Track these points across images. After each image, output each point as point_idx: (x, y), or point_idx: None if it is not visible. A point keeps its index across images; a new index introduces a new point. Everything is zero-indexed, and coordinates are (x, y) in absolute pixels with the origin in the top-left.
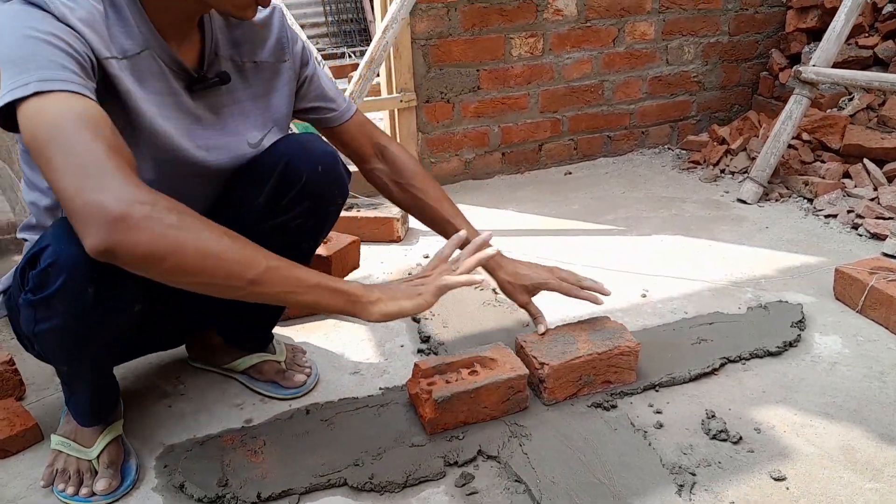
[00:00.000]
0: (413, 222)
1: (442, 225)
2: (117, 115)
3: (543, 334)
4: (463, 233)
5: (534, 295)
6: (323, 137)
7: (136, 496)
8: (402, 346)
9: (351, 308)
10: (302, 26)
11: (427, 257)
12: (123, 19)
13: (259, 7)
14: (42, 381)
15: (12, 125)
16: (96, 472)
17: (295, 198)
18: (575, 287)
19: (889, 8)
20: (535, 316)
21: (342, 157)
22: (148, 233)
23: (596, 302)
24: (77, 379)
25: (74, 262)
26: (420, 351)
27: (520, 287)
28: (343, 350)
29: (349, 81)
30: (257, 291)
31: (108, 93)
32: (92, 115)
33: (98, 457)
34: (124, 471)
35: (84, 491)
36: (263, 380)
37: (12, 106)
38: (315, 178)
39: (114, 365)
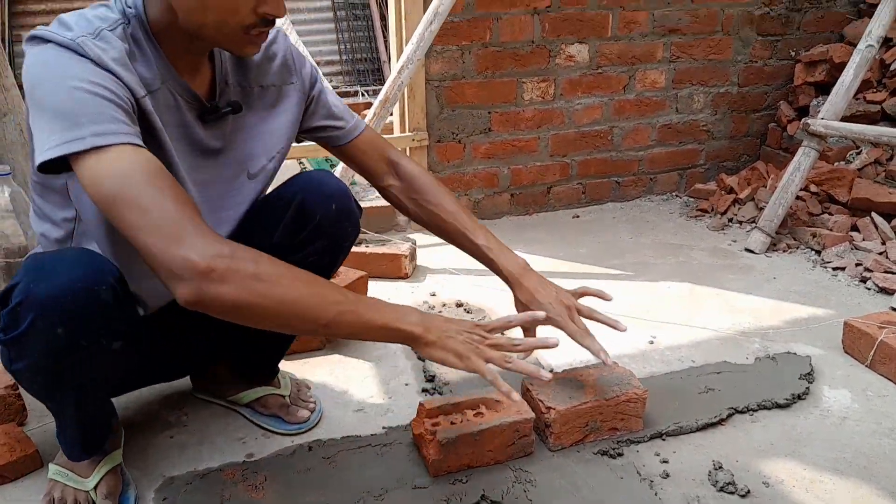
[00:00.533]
0: (421, 259)
1: (459, 238)
2: (155, 153)
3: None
4: (541, 314)
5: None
6: (334, 174)
7: None
8: (406, 384)
9: (406, 343)
10: (317, 63)
11: (434, 295)
12: (143, 54)
13: (257, 44)
14: (44, 408)
15: (56, 169)
16: (94, 503)
17: (309, 236)
18: (581, 333)
19: None
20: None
21: (354, 192)
22: (232, 285)
23: (598, 356)
24: (63, 414)
25: (43, 301)
26: (424, 390)
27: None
28: (347, 386)
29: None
30: (329, 333)
31: (147, 132)
32: (152, 168)
33: (96, 487)
34: (122, 502)
35: None
36: (267, 413)
37: (65, 157)
38: (329, 217)
39: (111, 397)
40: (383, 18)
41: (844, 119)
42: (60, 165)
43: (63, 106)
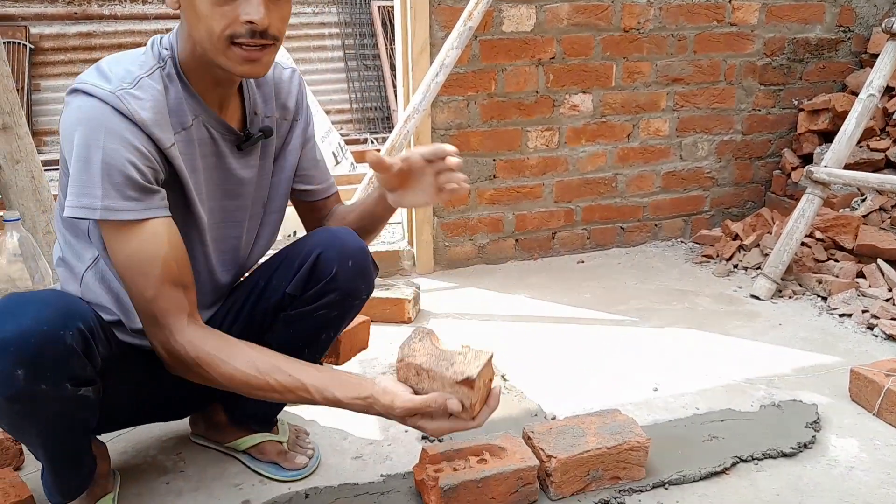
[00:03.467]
0: (425, 304)
1: (366, 207)
2: (176, 198)
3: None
4: (447, 147)
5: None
6: (355, 232)
7: None
8: (406, 430)
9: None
10: (327, 112)
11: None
12: (177, 93)
13: (254, 62)
14: None
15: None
16: None
17: (322, 290)
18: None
19: None
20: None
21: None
22: (199, 370)
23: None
24: (37, 456)
25: (4, 341)
26: (424, 437)
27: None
28: (346, 432)
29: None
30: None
31: (173, 176)
32: (155, 251)
33: None
34: None
35: None
36: (265, 460)
37: None
38: (345, 273)
39: (99, 433)
40: (393, 69)
41: (848, 166)
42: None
43: (89, 167)
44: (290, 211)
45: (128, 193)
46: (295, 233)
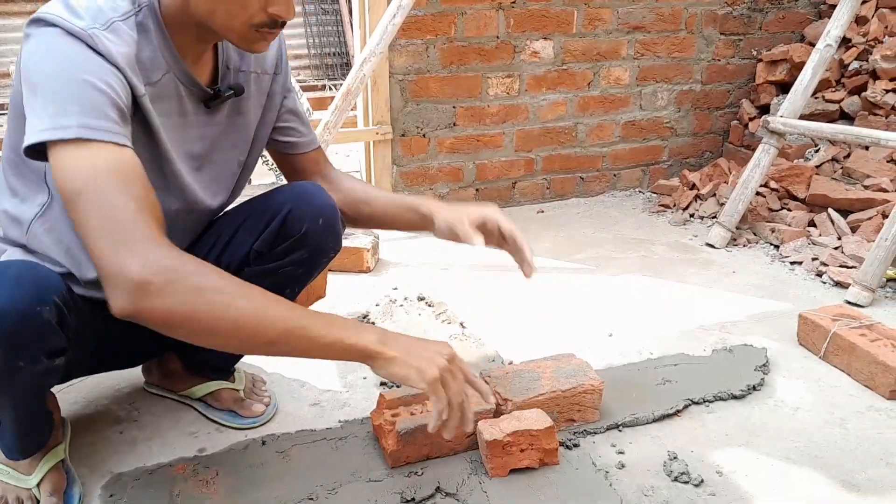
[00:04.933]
0: (384, 253)
1: (399, 212)
2: (146, 151)
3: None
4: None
5: (481, 228)
6: (323, 188)
7: None
8: (364, 377)
9: (363, 362)
10: None
11: (396, 289)
12: (150, 42)
13: (266, 42)
14: None
15: (44, 156)
16: (38, 501)
17: (290, 247)
18: (517, 241)
19: (855, 65)
20: (518, 247)
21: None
22: (168, 299)
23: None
24: (1, 418)
25: None
26: (383, 383)
27: (460, 221)
28: (304, 380)
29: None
30: (273, 351)
31: (142, 130)
32: (126, 169)
33: (39, 484)
34: (67, 498)
35: None
36: (221, 408)
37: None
38: (315, 231)
39: (52, 386)
40: (351, 13)
41: (803, 117)
42: (46, 152)
43: (59, 94)
44: None
45: (107, 113)
46: (250, 181)
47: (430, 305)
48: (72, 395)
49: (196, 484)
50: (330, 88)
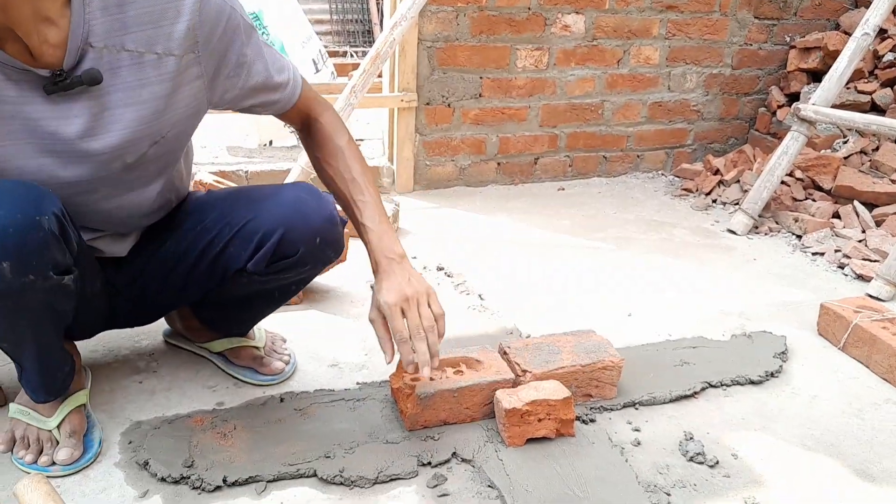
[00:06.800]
0: (403, 222)
1: (347, 209)
2: None
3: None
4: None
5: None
6: (320, 193)
7: (97, 469)
8: None
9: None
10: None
11: (415, 258)
12: None
13: None
14: None
15: None
16: (58, 442)
17: (288, 265)
18: (401, 338)
19: (889, 56)
20: (380, 339)
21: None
22: None
23: (406, 367)
24: (21, 357)
25: None
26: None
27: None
28: (324, 342)
29: (350, 79)
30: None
31: None
32: None
33: (59, 426)
34: (87, 442)
35: (44, 459)
36: (240, 364)
37: None
38: (312, 251)
39: (76, 340)
40: None
41: (834, 107)
42: None
43: None
44: (268, 118)
45: None
46: (271, 142)
47: (449, 276)
48: (91, 343)
49: (214, 436)
50: (352, 55)
